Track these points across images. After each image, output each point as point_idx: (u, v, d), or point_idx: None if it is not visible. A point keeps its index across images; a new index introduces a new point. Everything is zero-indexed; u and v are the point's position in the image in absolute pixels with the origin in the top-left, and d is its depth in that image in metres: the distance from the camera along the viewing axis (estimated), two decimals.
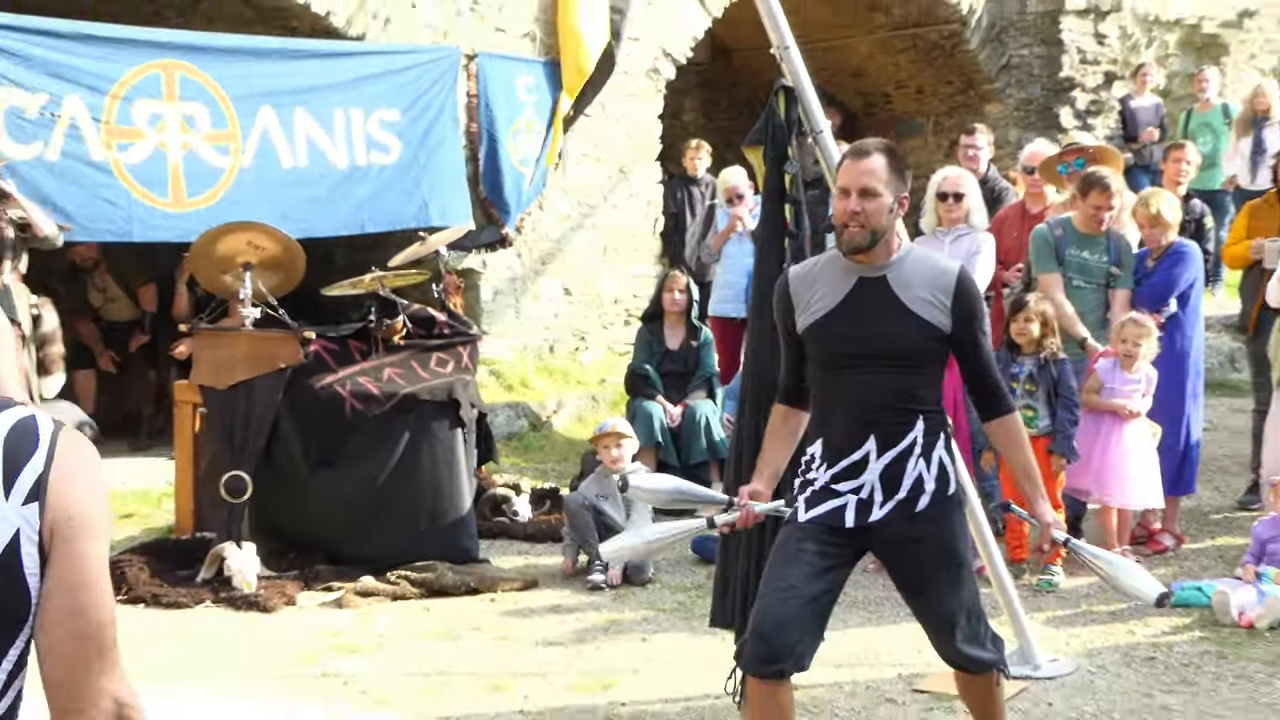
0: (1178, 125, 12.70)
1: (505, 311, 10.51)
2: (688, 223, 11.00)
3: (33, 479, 1.61)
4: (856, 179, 3.77)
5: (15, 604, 1.62)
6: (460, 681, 5.32)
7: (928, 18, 13.04)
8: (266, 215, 7.98)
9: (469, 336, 7.54)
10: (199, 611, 6.20)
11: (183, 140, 8.78)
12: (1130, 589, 3.92)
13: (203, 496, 6.92)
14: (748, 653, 3.77)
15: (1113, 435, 6.68)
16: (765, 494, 3.97)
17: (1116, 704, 5.04)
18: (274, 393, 6.84)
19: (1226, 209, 11.15)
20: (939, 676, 5.10)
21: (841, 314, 3.83)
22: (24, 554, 1.61)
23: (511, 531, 7.53)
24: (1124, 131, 12.63)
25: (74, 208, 8.31)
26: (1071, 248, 6.99)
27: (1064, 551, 4.05)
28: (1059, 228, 7.07)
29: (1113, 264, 7.01)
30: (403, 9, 9.85)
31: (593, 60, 10.41)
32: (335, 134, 9.35)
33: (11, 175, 7.90)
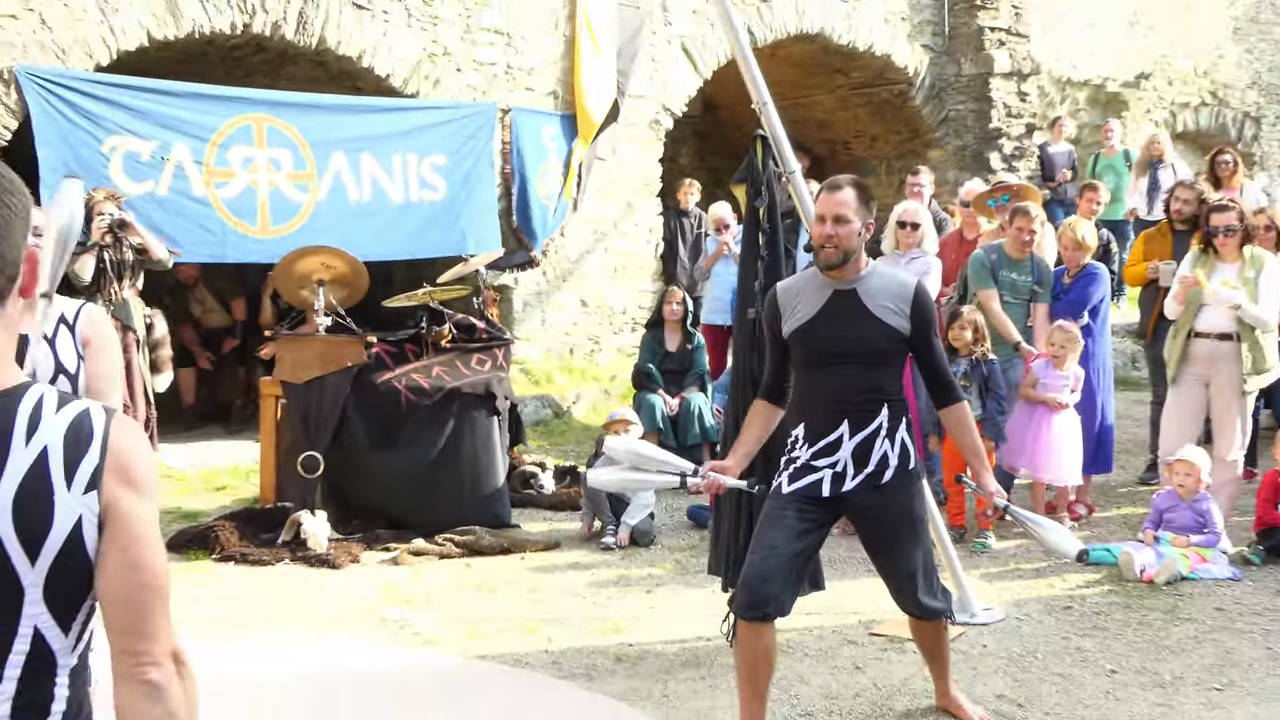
0: (1087, 167, 12.68)
1: (533, 320, 10.51)
2: (679, 247, 11.04)
3: (90, 470, 1.54)
4: (831, 208, 3.78)
5: (85, 573, 1.55)
6: (496, 626, 5.28)
7: (880, 79, 13.01)
8: (337, 241, 7.99)
9: (503, 340, 7.53)
10: (279, 568, 6.16)
11: (269, 179, 8.81)
12: (1055, 545, 3.96)
13: (283, 472, 6.90)
14: (738, 600, 3.80)
15: (1044, 423, 6.68)
16: (734, 470, 3.99)
17: (1039, 645, 4.99)
18: (342, 387, 6.83)
19: (1128, 236, 11.13)
20: (892, 622, 5.06)
21: (820, 320, 3.84)
22: (86, 535, 1.54)
23: (538, 502, 7.50)
24: (1042, 173, 12.60)
25: (179, 234, 8.36)
26: (1003, 269, 7.06)
27: (1004, 514, 4.01)
28: (993, 253, 7.13)
29: (1035, 283, 7.06)
30: (449, 72, 9.83)
31: (602, 112, 10.38)
32: (394, 174, 9.36)
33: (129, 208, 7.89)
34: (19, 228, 1.52)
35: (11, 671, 1.50)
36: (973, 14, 12.76)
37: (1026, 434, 6.67)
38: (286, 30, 8.95)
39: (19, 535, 1.49)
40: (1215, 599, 5.58)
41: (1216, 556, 5.98)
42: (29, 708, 1.52)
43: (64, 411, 1.55)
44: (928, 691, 4.38)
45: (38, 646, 1.52)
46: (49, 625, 1.53)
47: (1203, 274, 6.34)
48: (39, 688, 1.53)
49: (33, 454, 1.51)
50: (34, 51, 7.98)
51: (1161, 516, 6.18)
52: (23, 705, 1.51)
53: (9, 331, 1.57)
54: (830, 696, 4.45)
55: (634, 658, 4.87)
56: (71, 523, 1.52)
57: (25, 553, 1.50)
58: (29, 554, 1.50)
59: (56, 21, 8.05)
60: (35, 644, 1.52)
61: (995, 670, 4.71)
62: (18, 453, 1.50)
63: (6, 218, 1.50)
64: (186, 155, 8.42)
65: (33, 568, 1.50)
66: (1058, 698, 4.44)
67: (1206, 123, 16.15)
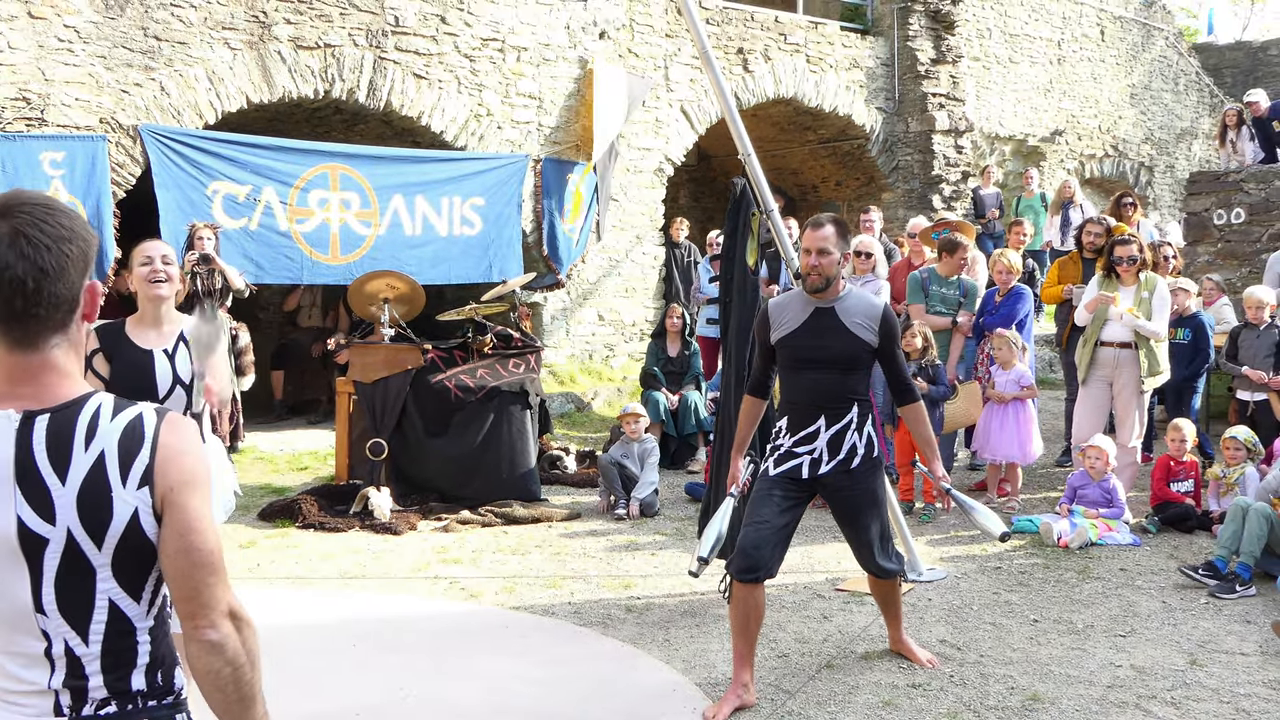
0: (1011, 207, 12.60)
1: (559, 331, 10.46)
2: (674, 273, 11.02)
3: (142, 468, 1.51)
4: (815, 242, 3.77)
5: (147, 552, 1.53)
6: (527, 582, 5.23)
7: (842, 135, 12.96)
8: (393, 267, 7.96)
9: (535, 348, 7.48)
10: (350, 534, 6.12)
11: (340, 217, 8.80)
12: (983, 525, 3.93)
13: (354, 455, 6.87)
14: (735, 564, 3.77)
15: (1006, 417, 6.60)
16: (738, 462, 4.01)
17: (975, 599, 4.94)
18: (403, 385, 6.79)
19: (1046, 263, 11.07)
20: (854, 580, 5.02)
21: (803, 332, 3.83)
22: (144, 524, 1.51)
23: (563, 480, 7.44)
24: (975, 211, 12.52)
25: (265, 261, 8.36)
26: (934, 285, 7.10)
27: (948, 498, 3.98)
28: (926, 273, 7.18)
29: (960, 295, 7.09)
30: (491, 129, 9.80)
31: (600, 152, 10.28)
32: (441, 213, 9.33)
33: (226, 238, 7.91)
34: (74, 270, 1.50)
35: (95, 635, 1.51)
36: (918, 83, 12.71)
37: (998, 429, 6.61)
38: (359, 95, 8.94)
39: (85, 527, 1.48)
40: (1119, 561, 5.53)
41: (1120, 526, 5.92)
42: (115, 663, 1.53)
43: (119, 418, 1.52)
44: (883, 637, 4.33)
45: (114, 613, 1.52)
46: (121, 596, 1.52)
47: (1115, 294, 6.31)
48: (122, 645, 1.53)
49: (92, 457, 1.48)
50: (155, 113, 7.98)
51: (1075, 493, 6.12)
52: (110, 663, 1.52)
53: (75, 351, 1.55)
54: (802, 641, 4.40)
55: (641, 609, 4.82)
56: (129, 515, 1.50)
57: (92, 541, 1.48)
58: (95, 541, 1.48)
59: (173, 89, 8.05)
60: (112, 612, 1.52)
61: (938, 619, 4.66)
62: (78, 457, 1.48)
63: (63, 263, 1.49)
64: (274, 197, 8.40)
65: (100, 551, 1.49)
66: (990, 642, 4.39)
67: (1109, 171, 16.09)
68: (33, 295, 1.46)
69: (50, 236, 1.48)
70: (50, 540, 1.47)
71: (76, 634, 1.50)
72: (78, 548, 1.48)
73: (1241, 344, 7.22)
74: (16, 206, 1.49)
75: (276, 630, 4.51)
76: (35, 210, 1.48)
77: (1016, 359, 6.64)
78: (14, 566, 1.48)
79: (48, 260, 1.47)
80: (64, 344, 1.52)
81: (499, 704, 3.78)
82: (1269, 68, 20.00)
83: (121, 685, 1.52)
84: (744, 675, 3.76)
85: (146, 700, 1.55)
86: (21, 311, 1.47)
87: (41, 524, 1.47)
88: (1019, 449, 6.59)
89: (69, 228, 1.50)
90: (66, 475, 1.47)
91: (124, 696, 1.52)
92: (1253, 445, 6.10)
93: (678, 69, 11.00)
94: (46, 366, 1.50)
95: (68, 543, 1.47)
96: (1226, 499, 6.06)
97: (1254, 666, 4.12)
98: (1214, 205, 9.83)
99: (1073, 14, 15.60)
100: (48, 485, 1.47)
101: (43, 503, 1.47)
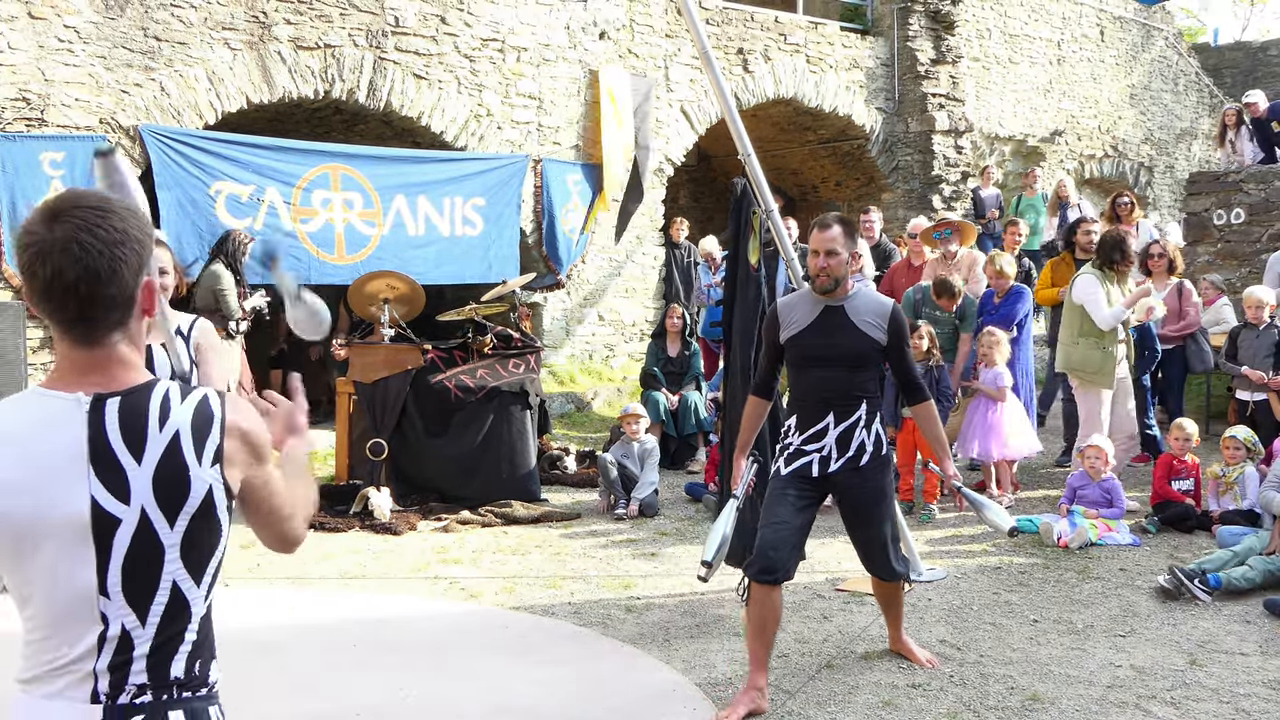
0: (1011, 205, 12.59)
1: (559, 332, 10.45)
2: (674, 273, 11.01)
3: (214, 448, 1.57)
4: (823, 244, 3.76)
5: (215, 528, 1.60)
6: (527, 583, 5.23)
7: (842, 135, 12.96)
8: (396, 267, 7.97)
9: (535, 348, 7.47)
10: (351, 534, 6.12)
11: (344, 217, 8.79)
12: (993, 522, 3.90)
13: (354, 455, 6.87)
14: (753, 566, 3.74)
15: (990, 412, 6.64)
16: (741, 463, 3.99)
17: (975, 599, 4.93)
18: (403, 386, 6.78)
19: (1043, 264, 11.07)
20: (854, 580, 5.02)
21: (812, 331, 3.81)
22: (217, 500, 1.58)
23: (563, 480, 7.44)
24: (975, 212, 12.51)
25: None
26: (926, 307, 7.16)
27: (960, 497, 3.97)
28: (919, 293, 7.27)
29: (957, 316, 7.11)
30: (492, 130, 9.80)
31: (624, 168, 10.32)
32: (444, 213, 9.32)
33: None
34: (127, 272, 1.55)
35: (154, 617, 1.55)
36: (918, 83, 12.71)
37: (976, 425, 6.61)
38: (359, 96, 8.93)
39: (160, 505, 1.52)
40: (1119, 561, 5.52)
41: (1120, 526, 5.92)
42: (162, 647, 1.57)
43: (188, 400, 1.58)
44: (883, 637, 4.33)
45: (175, 595, 1.56)
46: (184, 578, 1.57)
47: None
48: (174, 630, 1.57)
49: (167, 437, 1.53)
50: (155, 113, 7.98)
51: (1075, 493, 6.11)
52: (158, 645, 1.56)
53: (136, 344, 1.60)
54: (802, 641, 4.40)
55: (641, 609, 4.82)
56: (204, 491, 1.56)
57: (166, 519, 1.53)
58: (169, 520, 1.53)
59: (173, 89, 8.04)
60: (173, 594, 1.56)
61: (938, 619, 4.65)
62: (154, 436, 1.53)
63: (115, 267, 1.53)
64: (277, 197, 8.40)
65: (171, 530, 1.54)
66: (990, 642, 4.38)
67: (1109, 171, 16.08)
68: (86, 299, 1.51)
69: (103, 241, 1.51)
70: (123, 521, 1.51)
71: (135, 616, 1.54)
72: (150, 527, 1.53)
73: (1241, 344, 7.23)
74: (71, 210, 1.52)
75: (277, 630, 4.50)
76: (89, 214, 1.51)
77: (998, 357, 6.65)
78: (80, 549, 1.51)
79: (101, 265, 1.50)
80: (125, 339, 1.58)
81: (499, 704, 3.77)
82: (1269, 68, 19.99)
83: (161, 672, 1.56)
84: (759, 679, 3.71)
85: (182, 690, 1.57)
86: (77, 315, 1.52)
87: (116, 504, 1.50)
88: (994, 445, 6.58)
89: (122, 230, 1.54)
90: (143, 455, 1.52)
91: (161, 686, 1.56)
92: (1252, 445, 6.10)
93: (678, 69, 11.00)
94: (111, 359, 1.56)
95: (140, 522, 1.52)
96: (1226, 498, 6.06)
97: (1254, 667, 4.11)
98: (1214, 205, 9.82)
99: (1072, 14, 15.59)
100: (123, 465, 1.51)
101: (118, 483, 1.51)
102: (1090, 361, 6.41)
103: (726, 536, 3.73)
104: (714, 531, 3.79)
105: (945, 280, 7.02)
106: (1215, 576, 4.91)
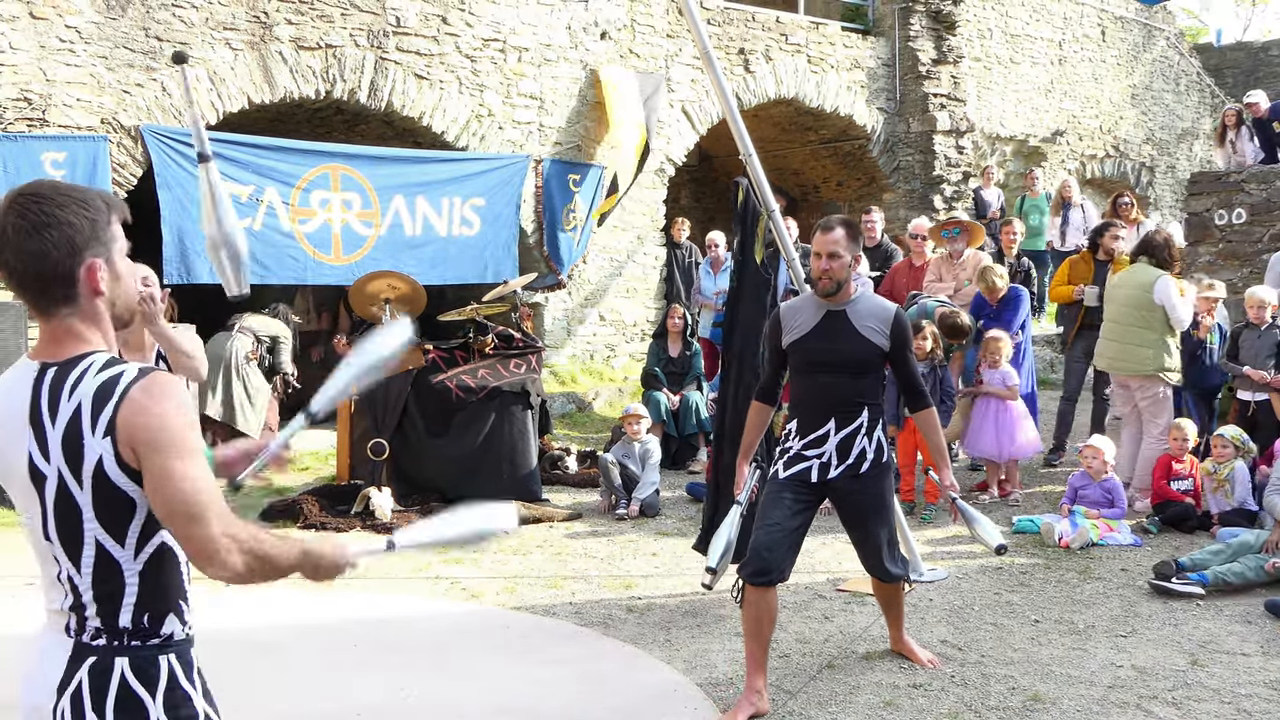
0: (1014, 207, 12.58)
1: (560, 332, 10.45)
2: (675, 274, 11.01)
3: (106, 420, 1.64)
4: (825, 246, 3.73)
5: (121, 498, 1.68)
6: (528, 583, 5.23)
7: (843, 135, 12.95)
8: (393, 268, 7.92)
9: (536, 348, 7.47)
10: (352, 535, 6.11)
11: (342, 217, 8.78)
12: (982, 538, 3.91)
13: (356, 455, 6.87)
14: (747, 568, 3.72)
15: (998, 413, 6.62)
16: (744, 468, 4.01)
17: (976, 599, 4.93)
18: (404, 385, 6.78)
19: (1047, 264, 11.08)
20: (855, 580, 5.02)
21: (815, 335, 3.79)
22: (108, 470, 1.65)
23: (564, 480, 7.44)
24: (976, 211, 12.51)
25: (269, 261, 8.34)
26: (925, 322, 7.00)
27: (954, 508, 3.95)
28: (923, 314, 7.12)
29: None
30: (493, 130, 9.80)
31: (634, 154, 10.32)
32: (442, 213, 9.30)
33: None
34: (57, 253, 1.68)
35: (86, 568, 1.69)
36: (919, 83, 12.70)
37: (985, 427, 6.61)
38: (360, 96, 8.94)
39: (68, 466, 1.66)
40: (1120, 561, 5.52)
41: (1121, 526, 5.92)
42: (105, 597, 1.70)
43: (102, 374, 1.67)
44: (884, 638, 4.33)
45: (101, 553, 1.69)
46: (105, 538, 1.68)
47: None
48: (111, 584, 1.69)
49: (73, 405, 1.66)
50: (156, 113, 7.99)
51: (1076, 493, 6.12)
52: (100, 595, 1.70)
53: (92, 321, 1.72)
54: (804, 641, 4.40)
55: (642, 609, 4.82)
56: (95, 459, 1.65)
57: (74, 480, 1.66)
58: (76, 481, 1.66)
59: (175, 89, 8.05)
60: (99, 551, 1.68)
61: (940, 620, 4.65)
62: (64, 404, 1.66)
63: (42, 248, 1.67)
64: (276, 197, 8.39)
65: (81, 490, 1.66)
66: (991, 642, 4.38)
67: (1110, 171, 16.08)
68: (24, 277, 1.68)
69: (32, 224, 1.66)
70: (48, 477, 1.67)
71: (72, 564, 1.69)
72: (66, 485, 1.67)
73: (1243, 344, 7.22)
74: (14, 199, 1.69)
75: (277, 630, 4.51)
76: (24, 200, 1.68)
77: (1003, 360, 6.66)
78: (31, 498, 1.70)
79: (25, 247, 1.66)
80: (75, 315, 1.71)
81: (499, 704, 3.77)
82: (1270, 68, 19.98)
83: (111, 621, 1.69)
84: (757, 681, 3.71)
85: (130, 639, 1.70)
86: (19, 290, 1.70)
87: (43, 461, 1.67)
88: (1003, 445, 6.58)
89: (51, 214, 1.67)
90: (56, 419, 1.66)
91: (112, 631, 1.70)
92: (1241, 443, 6.12)
93: (679, 69, 11.00)
94: (63, 330, 1.71)
95: (59, 480, 1.67)
96: (1217, 494, 6.08)
97: (1255, 667, 4.11)
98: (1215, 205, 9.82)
99: (1074, 14, 15.59)
100: (45, 427, 1.66)
101: (43, 442, 1.67)
102: (1175, 360, 6.46)
103: (731, 542, 3.73)
104: (717, 537, 3.79)
105: (956, 324, 6.79)
106: (1201, 574, 4.93)
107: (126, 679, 1.68)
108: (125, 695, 1.68)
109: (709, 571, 3.65)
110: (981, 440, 6.65)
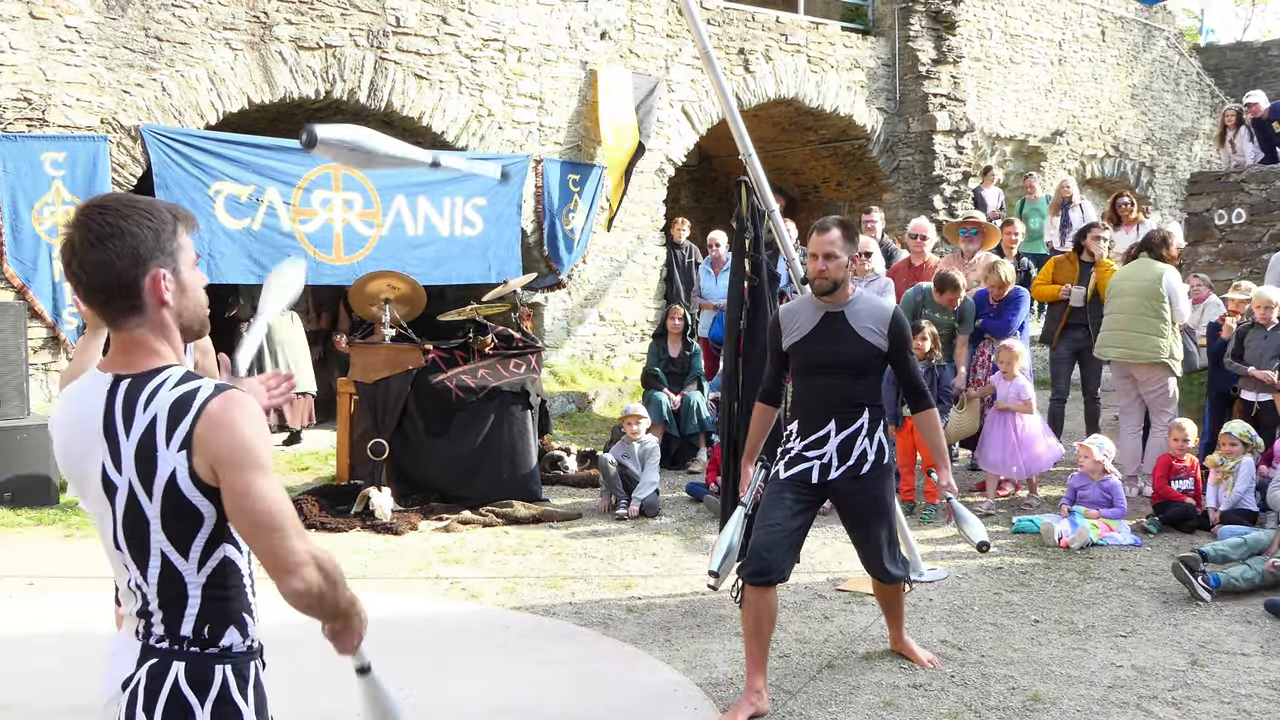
0: (1015, 208, 12.57)
1: (560, 332, 10.45)
2: (675, 274, 11.01)
3: (183, 434, 1.67)
4: (821, 247, 3.74)
5: (190, 511, 1.71)
6: (528, 583, 5.23)
7: (843, 135, 12.96)
8: (395, 268, 7.93)
9: (536, 348, 7.46)
10: (352, 534, 6.12)
11: (343, 217, 8.78)
12: (966, 535, 3.95)
13: (355, 455, 6.86)
14: (747, 568, 3.73)
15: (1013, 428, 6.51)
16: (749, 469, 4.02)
17: (976, 599, 4.93)
18: (404, 386, 6.78)
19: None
20: (855, 580, 5.02)
21: (814, 337, 3.80)
22: (180, 483, 1.68)
23: (564, 480, 7.44)
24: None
25: (268, 261, 8.34)
26: (926, 308, 7.07)
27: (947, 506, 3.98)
28: (919, 294, 7.17)
29: (956, 319, 7.04)
30: (493, 130, 9.80)
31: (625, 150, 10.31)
32: (444, 213, 9.31)
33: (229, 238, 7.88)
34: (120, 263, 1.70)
35: (152, 578, 1.73)
36: (919, 83, 12.71)
37: (999, 440, 6.56)
38: (360, 96, 8.94)
39: (139, 478, 1.68)
40: (1120, 561, 5.52)
41: (1121, 526, 5.92)
42: (169, 606, 1.74)
43: (179, 388, 1.70)
44: (884, 638, 4.33)
45: (166, 564, 1.72)
46: (170, 550, 1.71)
47: None
48: (174, 593, 1.73)
49: (148, 418, 1.68)
50: (156, 113, 7.99)
51: (1075, 494, 6.12)
52: (165, 603, 1.74)
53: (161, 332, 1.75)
54: (804, 641, 4.40)
55: (642, 609, 4.82)
56: (169, 472, 1.68)
57: (145, 492, 1.69)
58: (146, 493, 1.69)
59: (174, 89, 8.05)
60: (164, 561, 1.72)
61: (939, 620, 4.65)
62: (139, 416, 1.69)
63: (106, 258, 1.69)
64: (276, 197, 8.39)
65: (150, 503, 1.69)
66: (991, 642, 4.38)
67: (1110, 171, 16.08)
68: (89, 288, 1.71)
69: (95, 235, 1.69)
70: (119, 487, 1.70)
71: (140, 573, 1.74)
72: (136, 497, 1.70)
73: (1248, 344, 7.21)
74: (81, 211, 1.72)
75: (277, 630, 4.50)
76: (90, 212, 1.71)
77: (1017, 370, 6.59)
78: (104, 508, 1.73)
79: (89, 258, 1.69)
80: (144, 325, 1.74)
81: (500, 704, 3.77)
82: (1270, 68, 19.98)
83: (174, 628, 1.73)
84: (757, 681, 3.71)
85: (190, 646, 1.73)
86: (88, 301, 1.73)
87: (115, 472, 1.70)
88: (1016, 459, 6.52)
89: (115, 225, 1.70)
90: (130, 431, 1.69)
91: (174, 638, 1.74)
92: (1249, 439, 6.13)
93: (679, 69, 11.00)
94: (134, 342, 1.75)
95: (129, 491, 1.70)
96: (1221, 486, 6.08)
97: (1255, 667, 4.11)
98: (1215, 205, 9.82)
99: (1073, 14, 15.59)
100: (119, 438, 1.69)
101: (116, 454, 1.70)
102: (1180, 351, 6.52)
103: (734, 545, 3.73)
104: (721, 540, 3.78)
105: (947, 275, 6.92)
106: (1215, 576, 4.92)
107: (179, 684, 1.72)
108: (175, 699, 1.71)
109: (712, 575, 3.66)
110: (991, 453, 6.61)
